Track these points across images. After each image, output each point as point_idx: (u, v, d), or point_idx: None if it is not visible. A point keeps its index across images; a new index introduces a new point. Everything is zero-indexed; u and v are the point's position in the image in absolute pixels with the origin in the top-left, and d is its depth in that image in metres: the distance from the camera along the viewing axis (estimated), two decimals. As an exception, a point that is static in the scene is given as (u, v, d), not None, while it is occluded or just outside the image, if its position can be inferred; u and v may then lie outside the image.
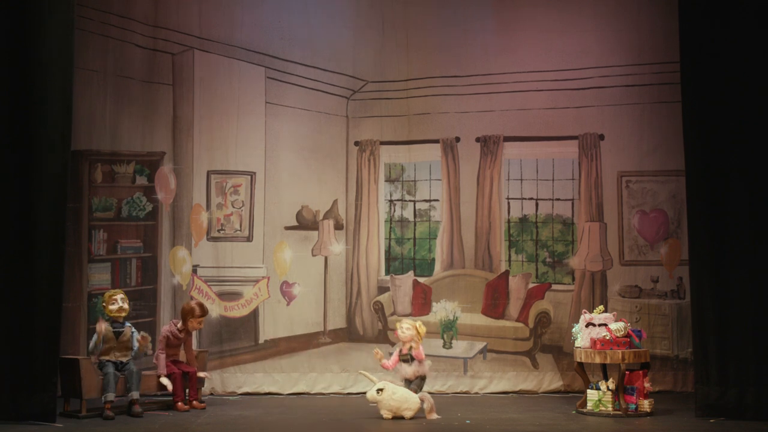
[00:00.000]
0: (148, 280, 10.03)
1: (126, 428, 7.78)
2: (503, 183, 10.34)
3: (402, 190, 10.45)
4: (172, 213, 10.12)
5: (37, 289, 7.84)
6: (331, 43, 10.35)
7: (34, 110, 7.95)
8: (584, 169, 10.31)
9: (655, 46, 10.18)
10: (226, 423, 8.07)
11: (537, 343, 10.17)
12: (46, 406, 7.76)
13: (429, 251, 10.38)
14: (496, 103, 10.35)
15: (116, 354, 8.53)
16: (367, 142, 10.41)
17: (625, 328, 8.46)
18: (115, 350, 8.53)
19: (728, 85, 8.25)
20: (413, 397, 8.17)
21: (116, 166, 10.05)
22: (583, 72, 10.28)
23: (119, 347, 8.55)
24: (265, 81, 10.26)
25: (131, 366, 8.52)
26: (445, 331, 10.19)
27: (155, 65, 10.13)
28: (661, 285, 10.19)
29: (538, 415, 8.48)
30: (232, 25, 10.24)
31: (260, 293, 10.13)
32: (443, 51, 10.33)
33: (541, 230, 10.36)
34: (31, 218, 7.87)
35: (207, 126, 10.17)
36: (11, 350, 7.77)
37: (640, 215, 10.28)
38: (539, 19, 10.37)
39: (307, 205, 10.29)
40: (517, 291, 10.24)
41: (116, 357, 8.52)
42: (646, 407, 8.40)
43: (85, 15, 9.69)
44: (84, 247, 9.87)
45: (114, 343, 8.53)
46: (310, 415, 8.56)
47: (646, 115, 10.25)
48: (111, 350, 8.52)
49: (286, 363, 10.05)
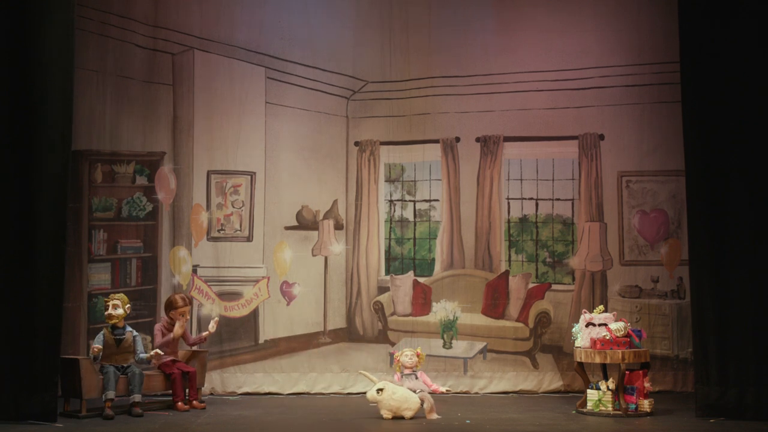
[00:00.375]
0: (148, 280, 10.03)
1: (126, 428, 7.78)
2: (503, 183, 10.34)
3: (402, 190, 10.45)
4: (172, 213, 10.12)
5: (37, 289, 7.83)
6: (331, 43, 10.36)
7: (34, 110, 7.95)
8: (584, 169, 10.31)
9: (655, 46, 10.18)
10: (226, 423, 8.07)
11: (537, 343, 10.17)
12: (47, 406, 7.75)
13: (429, 251, 10.38)
14: (496, 103, 10.35)
15: (117, 359, 8.52)
16: (367, 142, 10.41)
17: (625, 328, 8.46)
18: (115, 356, 8.52)
19: (728, 85, 8.26)
20: (413, 397, 8.16)
21: (116, 166, 10.05)
22: (583, 72, 10.28)
23: (120, 352, 8.54)
24: (265, 81, 10.26)
25: (134, 368, 8.52)
26: (445, 331, 10.19)
27: (155, 65, 10.13)
28: (661, 285, 10.19)
29: (538, 415, 8.48)
30: (232, 25, 10.25)
31: (260, 293, 10.13)
32: (443, 51, 10.34)
33: (541, 230, 10.36)
34: (31, 218, 7.87)
35: (207, 126, 10.17)
36: (11, 350, 7.77)
37: (641, 215, 10.28)
38: (539, 19, 10.37)
39: (307, 205, 10.29)
40: (517, 291, 10.24)
41: (117, 362, 8.51)
42: (646, 407, 8.40)
43: (85, 15, 9.69)
44: (84, 247, 9.87)
45: (114, 350, 8.52)
46: (310, 415, 8.56)
47: (646, 115, 10.26)
48: (112, 356, 8.51)
49: (286, 363, 10.05)
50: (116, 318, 8.57)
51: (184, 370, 8.83)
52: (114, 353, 8.51)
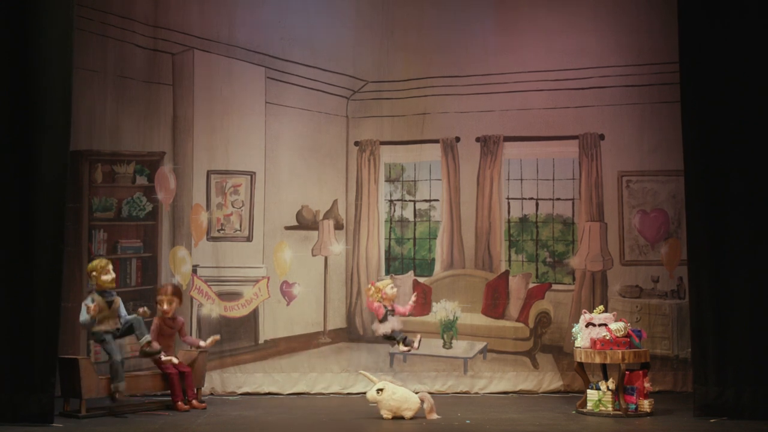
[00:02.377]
0: (148, 280, 10.03)
1: (126, 428, 7.78)
2: (503, 183, 10.34)
3: (402, 190, 10.45)
4: (172, 213, 10.13)
5: (37, 289, 7.82)
6: (331, 43, 10.36)
7: (34, 110, 7.94)
8: (584, 169, 10.31)
9: (654, 46, 10.18)
10: (226, 423, 8.08)
11: (537, 343, 10.17)
12: (45, 406, 7.74)
13: (429, 251, 10.38)
14: (496, 103, 10.35)
15: (110, 323, 8.50)
16: (367, 142, 10.41)
17: (625, 328, 8.46)
18: (109, 319, 8.50)
19: (728, 85, 8.25)
20: (413, 397, 8.17)
21: (116, 166, 10.05)
22: (583, 72, 10.28)
23: (112, 316, 8.53)
24: (265, 81, 10.26)
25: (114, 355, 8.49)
26: (445, 331, 10.19)
27: (155, 65, 10.13)
28: (661, 285, 10.19)
29: (538, 415, 8.48)
30: (232, 25, 10.25)
31: (260, 293, 10.14)
32: (443, 51, 10.34)
33: (541, 230, 10.36)
34: (31, 218, 7.87)
35: (207, 126, 10.17)
36: (11, 350, 7.75)
37: (641, 215, 10.28)
38: (539, 19, 10.37)
39: (307, 205, 10.29)
40: (517, 291, 10.24)
41: (111, 326, 8.50)
42: (646, 407, 8.40)
43: (85, 15, 9.69)
44: (84, 247, 9.87)
45: (107, 313, 8.51)
46: (310, 415, 8.56)
47: (646, 115, 10.26)
48: (105, 320, 8.49)
49: (286, 363, 10.05)
50: (112, 282, 8.58)
51: (181, 370, 8.83)
52: (108, 317, 8.50)
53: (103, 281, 8.54)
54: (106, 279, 8.55)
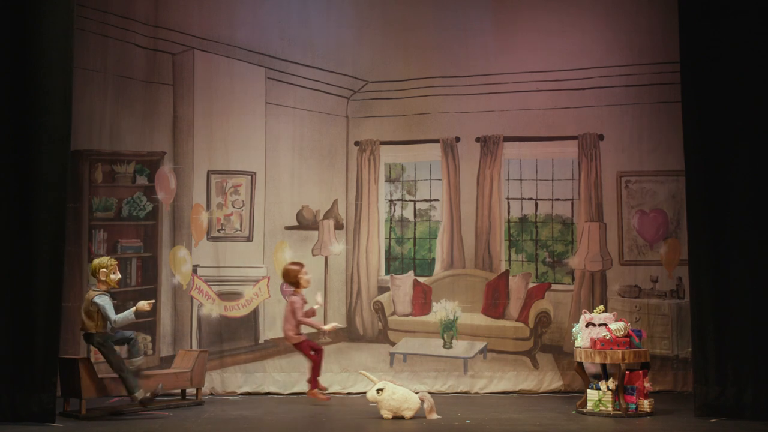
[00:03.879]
0: (148, 280, 10.03)
1: (126, 428, 7.78)
2: (503, 183, 10.35)
3: (402, 190, 10.45)
4: (172, 213, 10.13)
5: (37, 289, 7.83)
6: (331, 43, 10.36)
7: (34, 110, 7.95)
8: (584, 169, 10.31)
9: (654, 46, 10.19)
10: (226, 423, 8.08)
11: (537, 343, 10.18)
12: (46, 406, 7.75)
13: (429, 251, 10.38)
14: (496, 103, 10.35)
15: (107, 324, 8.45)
16: (367, 142, 10.41)
17: (625, 327, 8.47)
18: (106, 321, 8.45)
19: (728, 85, 8.25)
20: (413, 397, 8.17)
21: (116, 166, 10.05)
22: (583, 72, 10.29)
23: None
24: (265, 81, 10.26)
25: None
26: (445, 331, 10.19)
27: (155, 65, 10.13)
28: (660, 285, 10.19)
29: (538, 415, 8.48)
30: (232, 25, 10.25)
31: (260, 293, 10.14)
32: (443, 51, 10.34)
33: (540, 230, 10.36)
34: (31, 218, 7.87)
35: (207, 126, 10.17)
36: (12, 350, 7.76)
37: (640, 215, 10.28)
38: (539, 19, 10.38)
39: (307, 205, 10.29)
40: (517, 291, 10.24)
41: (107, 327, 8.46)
42: (646, 407, 8.40)
43: (85, 15, 9.69)
44: (84, 247, 9.87)
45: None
46: (310, 415, 8.56)
47: (646, 115, 10.26)
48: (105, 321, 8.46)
49: (286, 363, 10.04)
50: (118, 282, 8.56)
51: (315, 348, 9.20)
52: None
53: (111, 279, 8.52)
54: (114, 278, 8.53)
